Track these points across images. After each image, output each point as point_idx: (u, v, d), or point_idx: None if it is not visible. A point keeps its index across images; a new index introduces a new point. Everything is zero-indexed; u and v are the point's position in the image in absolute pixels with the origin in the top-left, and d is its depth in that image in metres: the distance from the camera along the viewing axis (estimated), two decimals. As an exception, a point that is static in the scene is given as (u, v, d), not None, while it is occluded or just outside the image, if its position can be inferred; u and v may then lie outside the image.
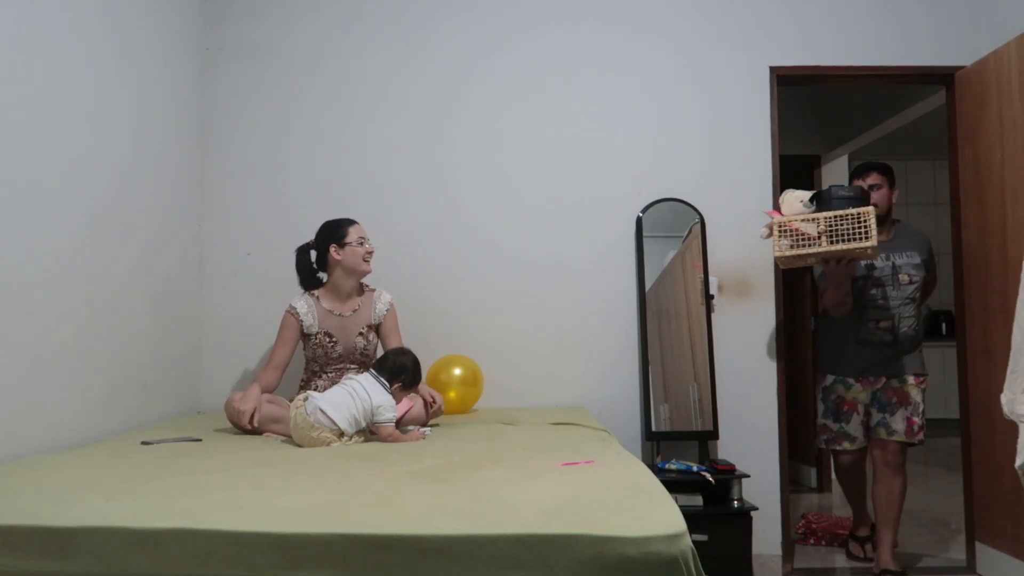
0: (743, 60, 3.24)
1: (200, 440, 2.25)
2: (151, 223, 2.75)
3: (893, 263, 2.97)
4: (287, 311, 2.67)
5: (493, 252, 3.20)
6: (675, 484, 2.76)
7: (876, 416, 2.96)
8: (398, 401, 2.27)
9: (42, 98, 2.14)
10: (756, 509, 2.84)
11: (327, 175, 3.21)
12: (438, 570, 1.28)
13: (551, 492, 1.50)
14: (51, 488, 1.59)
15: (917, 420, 2.93)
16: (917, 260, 2.99)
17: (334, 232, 2.69)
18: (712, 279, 3.14)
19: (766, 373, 3.17)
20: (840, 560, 3.27)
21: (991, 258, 2.95)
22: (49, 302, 2.15)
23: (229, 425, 2.55)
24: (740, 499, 2.84)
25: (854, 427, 3.01)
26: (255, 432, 2.42)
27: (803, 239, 2.67)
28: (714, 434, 3.00)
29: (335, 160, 3.22)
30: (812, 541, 3.44)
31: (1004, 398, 2.13)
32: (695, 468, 2.85)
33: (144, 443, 2.18)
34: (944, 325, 6.92)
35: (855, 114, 4.55)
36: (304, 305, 2.67)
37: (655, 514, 1.34)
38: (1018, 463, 2.05)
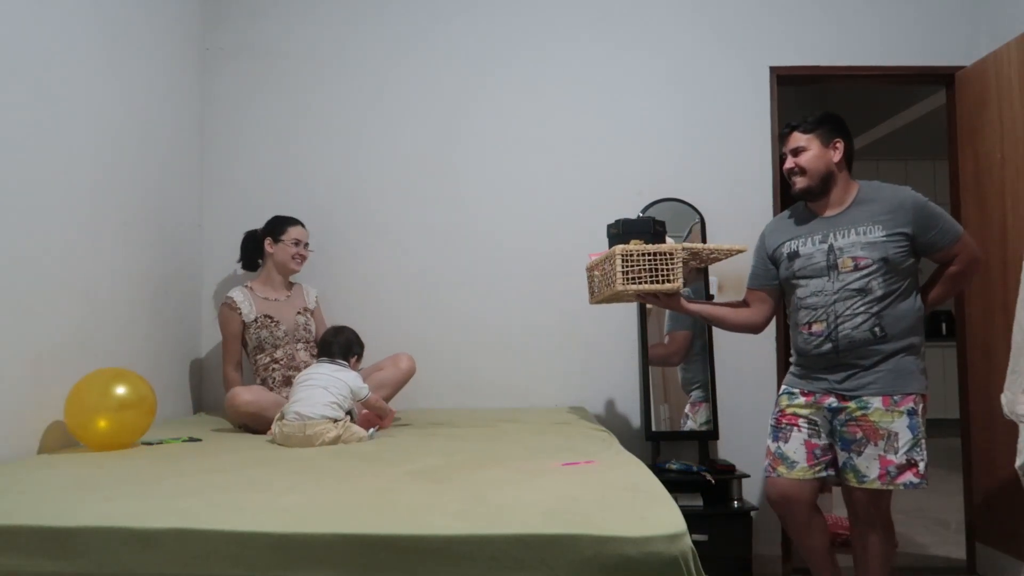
0: (743, 60, 3.23)
1: (200, 440, 2.25)
2: (151, 223, 2.75)
3: (830, 246, 2.23)
4: (224, 304, 2.76)
5: (494, 253, 3.20)
6: (675, 484, 2.76)
7: (842, 455, 2.23)
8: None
9: (41, 98, 2.14)
10: (756, 509, 2.84)
11: (327, 175, 3.21)
12: (438, 570, 1.28)
13: (551, 492, 1.50)
14: (51, 488, 1.59)
15: (895, 459, 2.12)
16: (878, 235, 2.17)
17: (275, 227, 2.82)
18: (712, 279, 3.14)
19: (766, 373, 3.17)
20: (840, 560, 3.27)
21: (991, 258, 2.95)
22: (49, 302, 2.15)
23: (229, 425, 2.56)
24: (740, 499, 2.84)
25: (793, 448, 2.26)
26: (254, 430, 2.43)
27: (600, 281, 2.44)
28: (714, 434, 3.00)
29: (335, 161, 3.22)
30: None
31: (1004, 398, 2.13)
32: (695, 468, 2.85)
33: (144, 443, 2.18)
34: (944, 325, 6.92)
35: (855, 114, 4.55)
36: (240, 294, 2.77)
37: (655, 514, 1.34)
38: (1018, 463, 2.05)
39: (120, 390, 2.07)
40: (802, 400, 2.29)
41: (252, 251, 2.89)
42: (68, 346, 2.23)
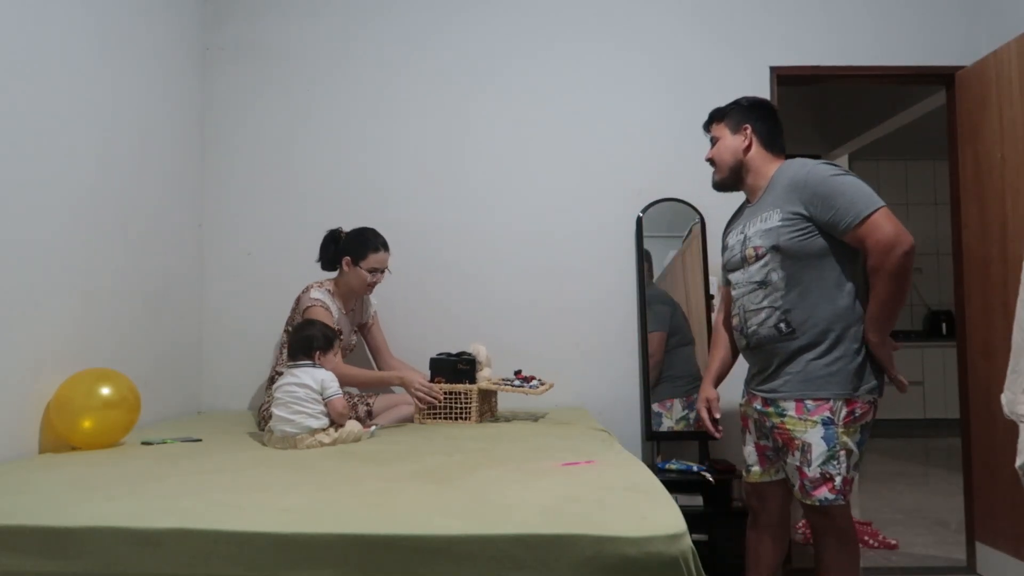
0: (743, 60, 3.23)
1: (200, 440, 2.25)
2: (151, 222, 2.75)
3: (745, 236, 2.07)
4: (317, 306, 2.60)
5: (493, 253, 3.20)
6: (675, 484, 2.76)
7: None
8: (331, 367, 2.30)
9: (40, 98, 2.14)
10: (756, 509, 2.84)
11: (327, 174, 3.21)
12: (438, 570, 1.28)
13: (551, 492, 1.50)
14: (51, 488, 1.59)
15: (810, 472, 1.93)
16: (774, 221, 1.97)
17: (358, 247, 2.72)
18: (712, 279, 3.14)
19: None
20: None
21: (991, 258, 2.95)
22: (49, 302, 2.15)
23: (228, 425, 2.55)
24: (740, 499, 2.84)
25: (748, 451, 2.18)
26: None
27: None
28: (714, 434, 3.00)
29: (335, 159, 3.22)
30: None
31: (1004, 398, 2.13)
32: (695, 468, 2.85)
33: (144, 443, 2.18)
34: (944, 325, 6.92)
35: (855, 114, 4.55)
36: (325, 296, 2.67)
37: (655, 514, 1.34)
38: (1018, 463, 2.05)
39: (104, 390, 2.09)
40: (745, 401, 2.20)
41: (333, 253, 2.77)
42: (68, 346, 2.23)
